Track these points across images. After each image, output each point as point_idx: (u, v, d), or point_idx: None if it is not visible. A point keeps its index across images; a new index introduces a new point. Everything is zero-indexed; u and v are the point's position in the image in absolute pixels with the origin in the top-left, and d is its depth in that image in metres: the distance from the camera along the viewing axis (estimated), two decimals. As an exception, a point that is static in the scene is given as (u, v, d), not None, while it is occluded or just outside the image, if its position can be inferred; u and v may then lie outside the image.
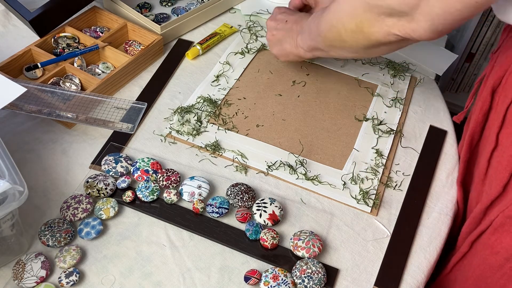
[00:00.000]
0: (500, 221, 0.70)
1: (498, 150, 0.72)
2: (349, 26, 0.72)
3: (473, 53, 1.63)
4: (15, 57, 0.93)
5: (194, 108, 0.92)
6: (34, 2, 1.02)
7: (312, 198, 0.81)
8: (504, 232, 0.70)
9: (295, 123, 0.92)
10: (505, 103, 0.69)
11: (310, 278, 0.70)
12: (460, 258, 0.79)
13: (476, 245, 0.76)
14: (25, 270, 0.68)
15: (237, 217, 0.77)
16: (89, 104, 0.87)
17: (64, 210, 0.74)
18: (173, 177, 0.80)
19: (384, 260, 0.75)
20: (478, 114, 0.77)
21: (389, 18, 0.66)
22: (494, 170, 0.73)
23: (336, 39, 0.77)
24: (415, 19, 0.63)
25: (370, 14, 0.68)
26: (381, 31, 0.68)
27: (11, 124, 0.87)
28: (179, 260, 0.72)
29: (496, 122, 0.72)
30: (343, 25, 0.73)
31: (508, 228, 0.69)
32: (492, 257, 0.72)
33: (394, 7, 0.63)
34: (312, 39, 0.83)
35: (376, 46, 0.72)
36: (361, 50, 0.76)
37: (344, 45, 0.77)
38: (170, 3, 1.14)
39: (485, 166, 0.74)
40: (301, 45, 0.87)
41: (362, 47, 0.74)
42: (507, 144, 0.69)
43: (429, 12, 0.61)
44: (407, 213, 0.81)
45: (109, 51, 0.97)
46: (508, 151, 0.68)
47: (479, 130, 0.79)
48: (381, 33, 0.68)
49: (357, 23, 0.70)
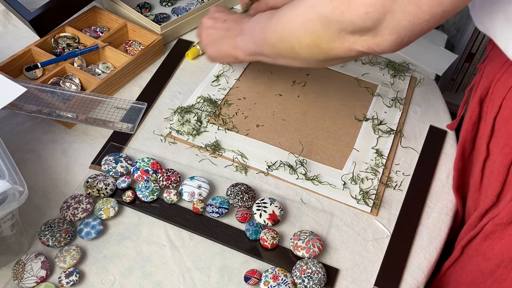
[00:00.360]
0: (490, 228, 0.70)
1: (490, 160, 0.72)
2: (304, 40, 0.67)
3: (473, 53, 1.63)
4: (15, 57, 0.93)
5: (194, 108, 0.92)
6: (34, 2, 1.02)
7: (312, 198, 0.81)
8: (495, 238, 0.70)
9: (295, 123, 0.92)
10: (493, 112, 0.69)
11: (310, 278, 0.70)
12: (452, 263, 0.80)
13: (467, 250, 0.76)
14: (25, 270, 0.68)
15: (237, 217, 0.77)
16: (89, 104, 0.87)
17: (64, 210, 0.74)
18: (173, 177, 0.80)
19: (384, 260, 0.75)
20: (468, 123, 0.78)
21: (351, 35, 0.61)
22: (487, 180, 0.73)
23: (288, 51, 0.71)
24: (379, 34, 0.59)
25: (330, 30, 0.63)
26: (342, 47, 0.64)
27: (11, 124, 0.87)
28: (179, 260, 0.72)
29: (486, 131, 0.72)
30: (297, 39, 0.68)
31: (499, 235, 0.70)
32: (484, 263, 0.73)
33: (357, 23, 0.59)
34: (256, 44, 0.77)
35: (334, 60, 0.69)
36: (314, 62, 0.71)
37: (296, 57, 0.72)
38: (170, 3, 1.14)
39: (479, 176, 0.75)
40: (241, 47, 0.80)
41: (316, 60, 0.70)
42: (497, 153, 0.69)
43: (395, 25, 0.57)
44: (407, 213, 0.81)
45: (109, 51, 0.97)
46: (499, 160, 0.68)
47: (470, 139, 0.79)
48: (342, 49, 0.64)
49: (314, 38, 0.65)
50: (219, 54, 0.85)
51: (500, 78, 0.69)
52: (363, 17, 0.58)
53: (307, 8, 0.65)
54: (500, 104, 0.68)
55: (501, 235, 0.69)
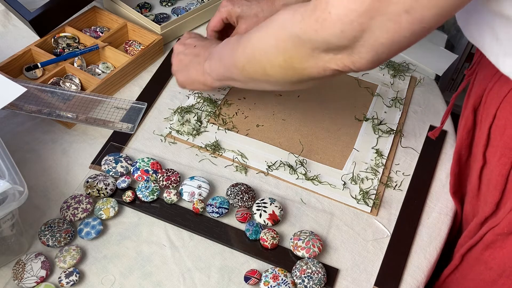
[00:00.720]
0: (491, 237, 0.70)
1: (487, 168, 0.72)
2: (276, 61, 0.64)
3: (473, 53, 1.63)
4: (15, 57, 0.93)
5: (194, 108, 0.92)
6: (34, 2, 1.02)
7: (312, 198, 0.81)
8: (496, 248, 0.70)
9: (295, 123, 0.92)
10: (488, 122, 0.69)
11: (310, 278, 0.70)
12: (452, 271, 0.80)
13: (467, 258, 0.76)
14: (25, 270, 0.68)
15: (237, 217, 0.77)
16: (89, 104, 0.87)
17: (64, 210, 0.74)
18: (173, 177, 0.80)
19: (384, 260, 0.75)
20: (462, 131, 0.78)
21: (324, 53, 0.58)
22: (486, 188, 0.73)
23: (258, 73, 0.68)
24: (355, 52, 0.56)
25: (302, 49, 0.60)
26: (316, 66, 0.61)
27: (11, 124, 0.87)
28: (179, 260, 0.72)
29: (481, 140, 0.72)
30: (268, 60, 0.65)
31: (500, 244, 0.69)
32: (486, 272, 0.73)
33: (331, 41, 0.56)
34: (225, 69, 0.74)
35: (308, 80, 0.65)
36: (288, 84, 0.68)
37: (268, 79, 0.68)
38: (170, 3, 1.14)
39: (477, 183, 0.75)
40: (208, 72, 0.78)
41: (290, 82, 0.67)
42: (494, 163, 0.69)
43: (372, 43, 0.54)
44: (407, 213, 0.81)
45: (109, 51, 0.97)
46: (496, 170, 0.68)
47: (466, 145, 0.78)
48: (315, 69, 0.61)
49: (286, 58, 0.62)
50: (188, 80, 0.84)
51: (492, 87, 0.68)
52: (339, 36, 0.55)
53: (277, 28, 0.62)
54: (494, 114, 0.67)
55: (503, 244, 0.69)
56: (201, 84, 0.82)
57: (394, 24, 0.52)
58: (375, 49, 0.55)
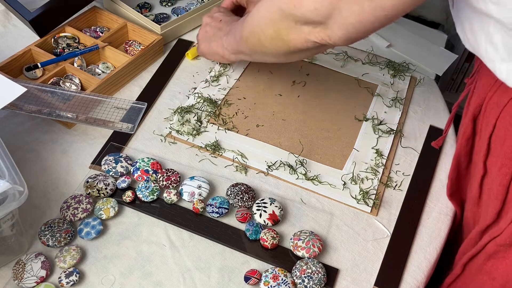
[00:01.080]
0: (493, 248, 0.70)
1: (488, 178, 0.72)
2: (268, 32, 0.73)
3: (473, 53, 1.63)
4: (15, 57, 0.93)
5: (194, 108, 0.92)
6: (34, 2, 1.02)
7: (312, 198, 0.81)
8: (499, 258, 0.70)
9: (295, 123, 0.91)
10: (488, 131, 0.69)
11: (310, 278, 0.70)
12: (454, 280, 0.79)
13: (469, 268, 0.76)
14: (25, 270, 0.68)
15: (237, 217, 0.77)
16: (89, 104, 0.87)
17: (64, 210, 0.74)
18: (173, 177, 0.80)
19: (384, 260, 0.75)
20: (462, 139, 0.78)
21: (305, 26, 0.66)
22: (486, 196, 0.73)
23: (257, 45, 0.77)
24: (329, 28, 0.64)
25: (287, 22, 0.68)
26: (299, 38, 0.69)
27: (11, 124, 0.87)
28: (179, 260, 0.72)
29: (482, 149, 0.72)
30: (262, 31, 0.74)
31: (502, 255, 0.69)
32: (489, 282, 0.72)
33: (308, 16, 0.64)
34: (237, 43, 0.83)
35: (296, 52, 0.73)
36: (281, 55, 0.76)
37: (265, 51, 0.77)
38: (170, 3, 1.14)
39: (477, 191, 0.75)
40: (226, 46, 0.88)
41: (282, 53, 0.75)
42: (495, 172, 0.69)
43: (342, 22, 0.62)
44: (407, 213, 0.81)
45: (109, 51, 0.97)
46: (497, 180, 0.68)
47: (465, 153, 0.78)
48: (299, 40, 0.69)
49: (275, 30, 0.71)
50: (209, 51, 0.93)
51: (492, 96, 0.68)
52: (313, 12, 0.63)
53: (269, 2, 0.71)
54: (494, 123, 0.67)
55: (505, 255, 0.69)
56: (219, 56, 0.91)
57: (358, 7, 0.59)
58: (345, 28, 0.63)
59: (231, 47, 0.86)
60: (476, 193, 0.75)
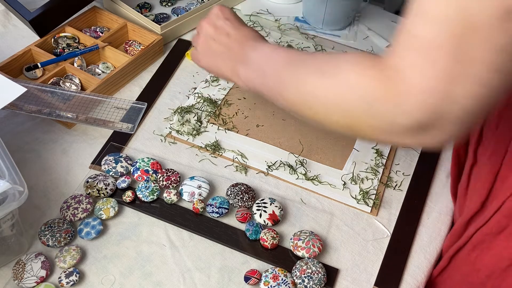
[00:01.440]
0: (479, 238, 0.70)
1: (477, 166, 0.72)
2: (334, 117, 0.55)
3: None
4: (15, 57, 0.93)
5: (194, 108, 0.92)
6: (34, 2, 1.02)
7: (312, 198, 0.81)
8: (484, 249, 0.70)
9: (295, 123, 0.91)
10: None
11: (310, 278, 0.70)
12: (440, 272, 0.79)
13: (455, 260, 0.76)
14: (25, 270, 0.68)
15: (237, 217, 0.77)
16: (89, 104, 0.87)
17: (64, 210, 0.74)
18: (173, 177, 0.80)
19: (384, 260, 0.75)
20: None
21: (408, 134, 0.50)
22: (473, 186, 0.73)
23: (307, 115, 0.59)
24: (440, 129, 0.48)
25: (375, 122, 0.50)
26: (385, 140, 0.58)
27: (11, 124, 0.87)
28: (179, 260, 0.72)
29: (474, 138, 0.72)
30: (325, 113, 0.56)
31: (487, 245, 0.69)
32: (474, 274, 0.72)
33: (420, 119, 0.47)
34: (266, 88, 0.65)
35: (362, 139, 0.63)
36: (334, 130, 0.58)
37: (314, 121, 0.59)
38: (170, 3, 1.14)
39: (466, 181, 0.75)
40: (241, 77, 0.69)
41: (339, 132, 0.57)
42: (484, 161, 0.69)
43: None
44: (407, 213, 0.81)
45: (109, 51, 0.97)
46: (485, 168, 0.68)
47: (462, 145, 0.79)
48: (382, 140, 0.59)
49: (353, 123, 0.53)
50: (213, 70, 0.75)
51: None
52: (424, 111, 0.45)
53: (343, 84, 0.52)
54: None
55: (490, 245, 0.68)
56: (225, 78, 0.74)
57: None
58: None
59: (252, 84, 0.67)
60: (464, 183, 0.75)
